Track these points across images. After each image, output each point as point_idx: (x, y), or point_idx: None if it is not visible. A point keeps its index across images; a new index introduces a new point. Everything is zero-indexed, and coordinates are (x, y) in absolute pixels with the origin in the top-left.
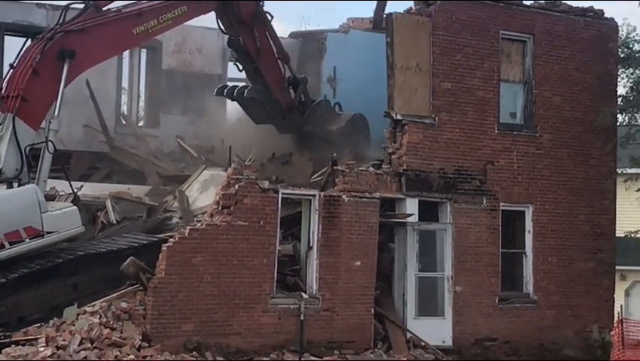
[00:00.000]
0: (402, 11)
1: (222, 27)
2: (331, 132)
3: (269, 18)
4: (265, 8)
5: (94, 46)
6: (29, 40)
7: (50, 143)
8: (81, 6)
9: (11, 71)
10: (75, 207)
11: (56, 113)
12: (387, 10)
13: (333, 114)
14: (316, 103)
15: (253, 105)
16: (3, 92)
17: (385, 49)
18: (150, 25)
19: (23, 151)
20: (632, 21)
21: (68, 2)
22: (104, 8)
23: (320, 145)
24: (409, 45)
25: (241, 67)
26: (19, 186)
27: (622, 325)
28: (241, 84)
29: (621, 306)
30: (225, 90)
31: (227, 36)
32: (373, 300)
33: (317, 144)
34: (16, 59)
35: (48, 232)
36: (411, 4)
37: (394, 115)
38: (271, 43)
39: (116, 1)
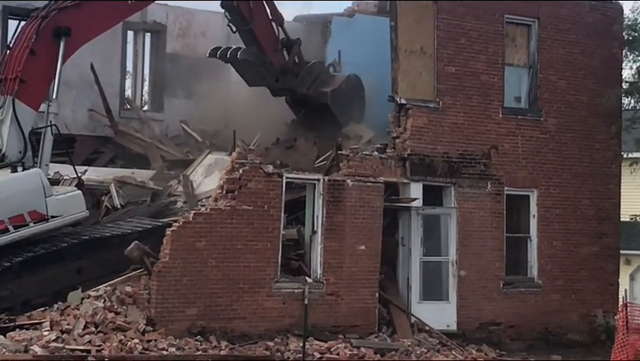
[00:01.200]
0: None
1: None
2: (325, 94)
3: None
4: None
5: (90, 20)
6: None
7: (54, 127)
8: None
9: (8, 52)
10: (79, 191)
11: (54, 96)
12: None
13: (328, 76)
14: (310, 65)
15: (246, 67)
16: (1, 74)
17: (389, 32)
18: None
19: (26, 134)
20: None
21: None
22: None
23: (315, 109)
24: (414, 29)
25: (234, 28)
26: (23, 170)
27: (626, 309)
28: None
29: (625, 290)
30: (218, 52)
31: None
32: (378, 284)
33: (312, 108)
34: (11, 39)
35: (52, 216)
36: None
37: (398, 99)
38: (264, 4)
39: None
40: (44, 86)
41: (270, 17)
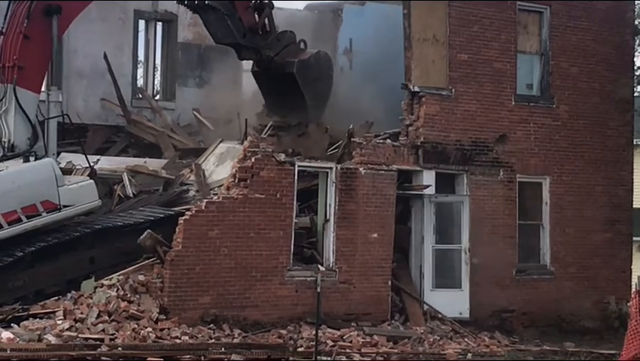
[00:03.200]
0: None
1: None
2: (292, 63)
3: None
4: None
5: None
6: (12, 2)
7: (65, 116)
8: None
9: (2, 38)
10: (92, 181)
11: (51, 83)
12: None
13: (297, 48)
14: (281, 32)
15: (214, 18)
16: (1, 62)
17: (402, 20)
18: None
19: (32, 119)
20: None
21: None
22: None
23: (281, 80)
24: (426, 16)
25: None
26: (35, 159)
27: (639, 296)
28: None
29: (638, 277)
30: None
31: None
32: (390, 272)
33: (277, 78)
34: (3, 24)
35: (65, 206)
36: None
37: (411, 87)
38: None
39: None
40: (43, 68)
41: None
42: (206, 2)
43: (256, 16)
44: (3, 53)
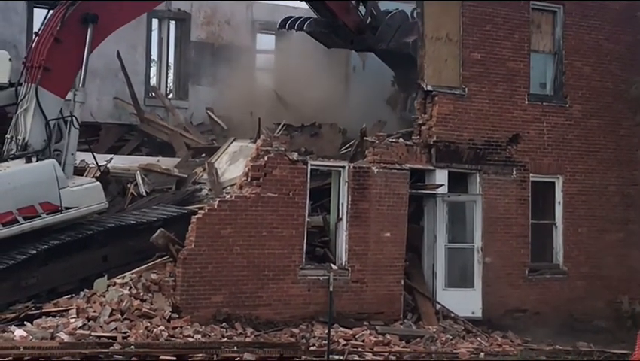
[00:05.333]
0: None
1: None
2: (407, 44)
3: None
4: None
5: (119, 7)
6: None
7: (74, 118)
8: None
9: (36, 39)
10: (98, 183)
11: (80, 84)
12: None
13: (410, 24)
14: (390, 16)
15: (318, 35)
16: (28, 62)
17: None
18: None
19: (51, 123)
20: None
21: None
22: None
23: (399, 61)
24: (440, 15)
25: None
26: (37, 160)
27: None
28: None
29: None
30: (287, 23)
31: (256, 7)
32: (403, 271)
33: (396, 61)
34: (40, 27)
35: (67, 208)
36: None
37: (424, 86)
38: None
39: None
40: (71, 74)
41: None
42: (305, 29)
43: (361, 11)
44: (34, 53)
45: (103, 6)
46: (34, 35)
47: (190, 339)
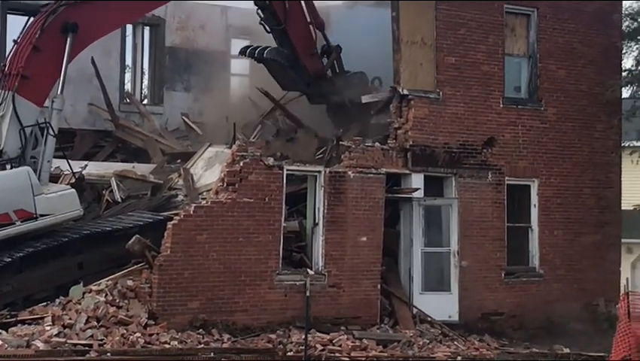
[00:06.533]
0: None
1: None
2: (359, 104)
3: None
4: None
5: (99, 17)
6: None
7: (50, 127)
8: None
9: (14, 47)
10: (73, 190)
11: (59, 92)
12: None
13: (369, 89)
14: (352, 74)
15: (276, 68)
16: (6, 69)
17: (390, 23)
18: None
19: (23, 130)
20: None
21: None
22: None
23: (347, 116)
24: (414, 20)
25: (267, 28)
26: (11, 168)
27: (628, 298)
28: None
29: (627, 279)
30: (248, 50)
31: (231, 12)
32: (379, 276)
33: (346, 118)
34: (19, 35)
35: (42, 215)
36: None
37: (400, 90)
38: (303, 6)
39: None
40: (49, 83)
41: (309, 20)
42: (265, 56)
43: (324, 60)
44: (11, 61)
45: (84, 15)
46: (12, 43)
47: (167, 346)
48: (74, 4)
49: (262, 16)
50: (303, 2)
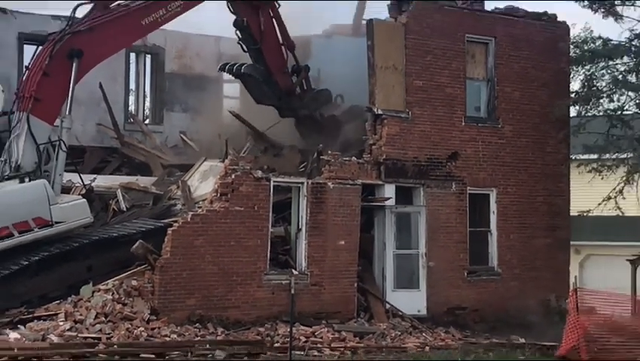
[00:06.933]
0: (381, 19)
1: (230, 7)
2: (325, 119)
3: (277, 4)
4: None
5: (101, 42)
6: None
7: (62, 142)
8: (90, 6)
9: (26, 72)
10: (84, 199)
11: (67, 112)
12: (365, 17)
13: (332, 104)
14: (318, 91)
15: (251, 83)
16: (19, 93)
17: (365, 51)
18: (158, 14)
19: (40, 147)
20: (574, 20)
21: (77, 3)
22: (112, 5)
23: (313, 130)
24: (387, 47)
25: (244, 47)
26: (30, 181)
27: (576, 293)
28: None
29: (576, 277)
30: (227, 67)
31: (223, 41)
32: (356, 275)
33: (312, 129)
34: (30, 61)
35: (57, 222)
36: (385, 6)
37: (375, 110)
38: (276, 28)
39: None
40: (59, 103)
41: (281, 42)
42: (242, 71)
43: (294, 78)
44: (24, 85)
45: (87, 42)
46: (24, 69)
47: (167, 339)
48: (78, 32)
49: (240, 36)
50: (276, 25)
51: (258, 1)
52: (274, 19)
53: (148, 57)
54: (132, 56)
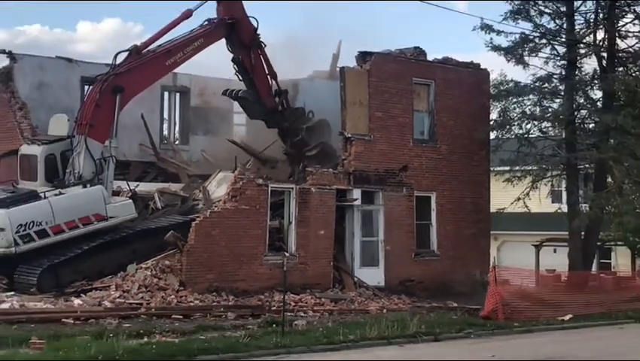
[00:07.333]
0: (350, 66)
1: (229, 48)
2: (301, 129)
3: (263, 45)
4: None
5: (137, 80)
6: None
7: (112, 157)
8: (126, 53)
9: (82, 105)
10: (130, 200)
11: (114, 135)
12: (339, 64)
13: (306, 118)
14: (296, 108)
15: (246, 103)
16: (78, 121)
17: (339, 90)
18: (177, 57)
19: (96, 161)
20: (493, 67)
21: (117, 52)
22: (143, 51)
23: (294, 138)
24: (355, 88)
25: (240, 77)
26: (90, 186)
27: (495, 270)
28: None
29: (494, 257)
30: (228, 92)
31: (233, 83)
32: (332, 256)
33: (292, 138)
34: (84, 96)
35: (111, 217)
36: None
37: (346, 134)
38: (263, 62)
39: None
40: (108, 127)
41: (267, 72)
42: (239, 95)
43: (276, 99)
44: (82, 114)
45: (126, 80)
46: (80, 102)
47: (192, 304)
48: (119, 73)
49: (236, 69)
50: (262, 60)
51: (250, 45)
52: (261, 56)
53: (177, 95)
54: (166, 94)
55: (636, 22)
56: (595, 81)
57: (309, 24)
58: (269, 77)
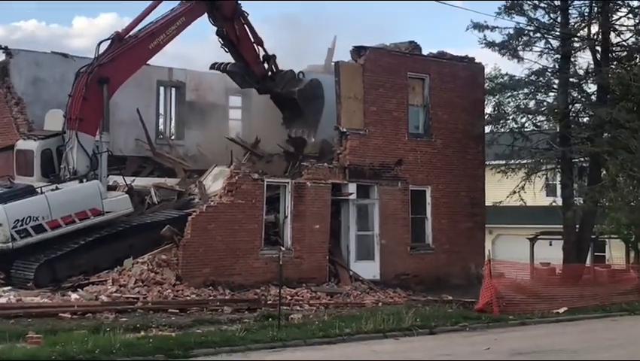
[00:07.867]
0: (345, 61)
1: (212, 22)
2: (293, 92)
3: (246, 14)
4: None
5: (122, 68)
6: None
7: (107, 150)
8: (108, 41)
9: (70, 99)
10: (127, 195)
11: (106, 127)
12: (334, 58)
13: (296, 80)
14: (284, 72)
15: (235, 75)
16: (67, 115)
17: (334, 85)
18: (160, 38)
19: (90, 155)
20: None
21: (100, 41)
22: (125, 37)
23: (289, 103)
24: (350, 82)
25: (227, 50)
26: (86, 181)
27: (490, 263)
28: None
29: (489, 251)
30: (216, 65)
31: (228, 78)
32: (328, 250)
33: (287, 102)
34: (71, 90)
35: (107, 212)
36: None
37: (341, 128)
38: (248, 31)
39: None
40: (97, 119)
41: (252, 40)
42: (228, 68)
43: (265, 65)
44: (70, 108)
45: (110, 71)
46: (68, 97)
47: (188, 298)
48: (103, 64)
49: (222, 42)
50: (247, 28)
51: (232, 16)
52: (245, 25)
53: (173, 89)
54: (162, 89)
55: (630, 16)
56: (590, 75)
57: (305, 18)
58: (255, 44)
